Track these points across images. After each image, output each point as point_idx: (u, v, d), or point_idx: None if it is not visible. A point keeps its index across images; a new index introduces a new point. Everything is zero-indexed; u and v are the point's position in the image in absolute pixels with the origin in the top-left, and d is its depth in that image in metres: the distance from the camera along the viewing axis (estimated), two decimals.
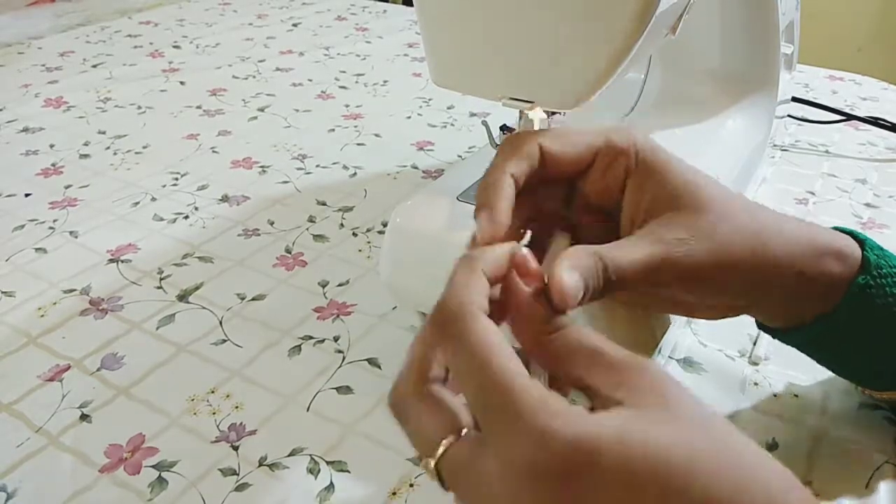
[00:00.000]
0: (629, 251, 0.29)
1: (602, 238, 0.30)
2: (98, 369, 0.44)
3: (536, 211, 0.31)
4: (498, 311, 0.26)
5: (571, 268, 0.27)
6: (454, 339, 0.24)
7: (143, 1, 1.22)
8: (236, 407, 0.42)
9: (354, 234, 0.58)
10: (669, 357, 0.45)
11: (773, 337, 0.37)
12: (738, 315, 0.35)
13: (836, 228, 0.35)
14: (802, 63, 0.81)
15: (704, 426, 0.22)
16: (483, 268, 0.26)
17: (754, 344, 0.46)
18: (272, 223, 0.60)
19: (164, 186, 0.66)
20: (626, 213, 0.31)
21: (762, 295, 0.33)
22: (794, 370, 0.43)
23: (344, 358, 0.45)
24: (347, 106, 0.83)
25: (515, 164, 0.29)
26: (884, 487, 0.36)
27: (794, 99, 0.74)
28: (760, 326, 0.37)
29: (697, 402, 0.23)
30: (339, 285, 0.52)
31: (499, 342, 0.23)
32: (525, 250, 0.27)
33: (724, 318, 0.34)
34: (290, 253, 0.56)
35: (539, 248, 0.28)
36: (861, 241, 0.34)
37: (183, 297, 0.51)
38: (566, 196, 0.32)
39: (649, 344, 0.38)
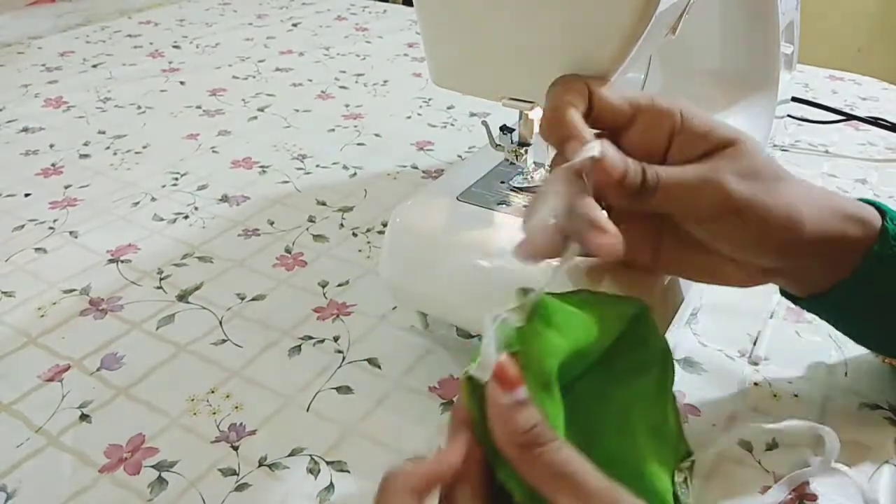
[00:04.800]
0: (675, 169, 0.31)
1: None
2: (98, 369, 0.44)
3: None
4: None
5: (614, 149, 0.30)
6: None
7: (143, 1, 1.22)
8: (236, 407, 0.42)
9: (354, 234, 0.58)
10: None
11: (794, 303, 0.38)
12: (766, 282, 0.36)
13: (861, 200, 0.36)
14: (802, 63, 0.81)
15: None
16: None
17: (754, 344, 0.46)
18: (272, 223, 0.60)
19: (163, 186, 0.66)
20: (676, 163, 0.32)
21: (793, 260, 0.34)
22: (794, 370, 0.43)
23: (344, 358, 0.45)
24: (347, 106, 0.83)
25: (572, 98, 0.31)
26: (884, 487, 0.36)
27: (794, 99, 0.74)
28: (783, 294, 0.38)
29: None
30: (339, 285, 0.52)
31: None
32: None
33: (753, 284, 0.36)
34: (290, 253, 0.56)
35: None
36: (883, 211, 0.35)
37: (183, 297, 0.51)
38: None
39: None
